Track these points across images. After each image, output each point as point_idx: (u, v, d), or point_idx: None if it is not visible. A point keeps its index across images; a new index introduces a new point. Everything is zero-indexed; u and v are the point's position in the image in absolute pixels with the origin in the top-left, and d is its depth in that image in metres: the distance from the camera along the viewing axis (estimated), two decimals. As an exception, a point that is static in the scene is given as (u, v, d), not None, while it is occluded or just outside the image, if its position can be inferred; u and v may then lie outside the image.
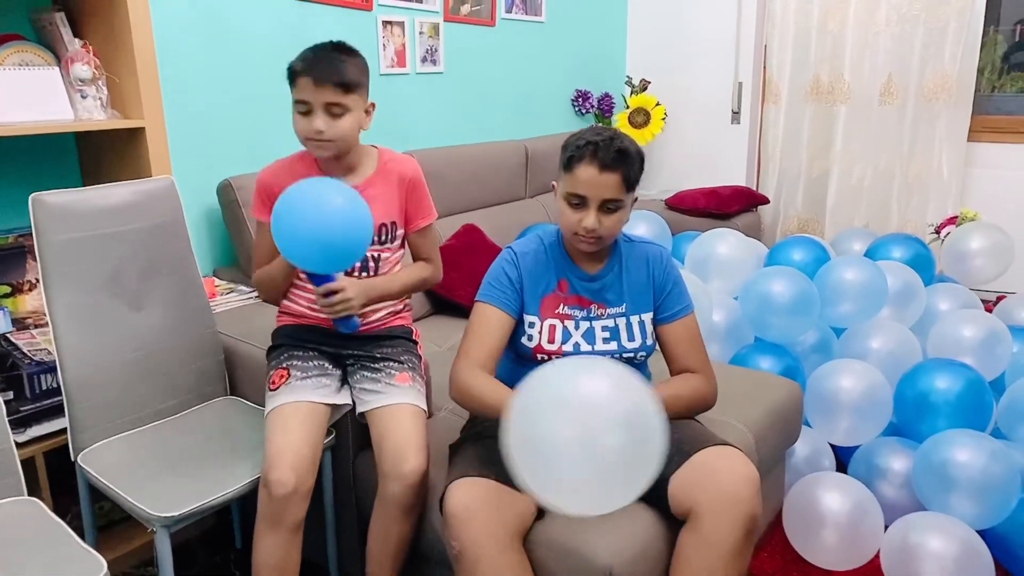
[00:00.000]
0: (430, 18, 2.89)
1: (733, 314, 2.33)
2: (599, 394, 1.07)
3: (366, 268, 1.59)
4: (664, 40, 3.90)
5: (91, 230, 1.57)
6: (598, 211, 1.35)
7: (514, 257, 1.46)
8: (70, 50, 1.73)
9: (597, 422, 1.04)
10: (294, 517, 1.42)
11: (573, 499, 1.09)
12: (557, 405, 1.06)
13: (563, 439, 1.03)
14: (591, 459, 1.03)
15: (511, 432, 1.08)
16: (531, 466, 1.08)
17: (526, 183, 3.21)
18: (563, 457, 1.03)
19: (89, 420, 1.56)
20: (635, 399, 1.07)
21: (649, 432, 1.06)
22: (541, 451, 1.06)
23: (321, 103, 1.45)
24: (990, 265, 2.78)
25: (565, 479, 1.06)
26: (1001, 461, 1.74)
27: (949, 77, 3.29)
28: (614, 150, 1.32)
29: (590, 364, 1.15)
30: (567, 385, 1.09)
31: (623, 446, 1.04)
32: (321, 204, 1.36)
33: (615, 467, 1.04)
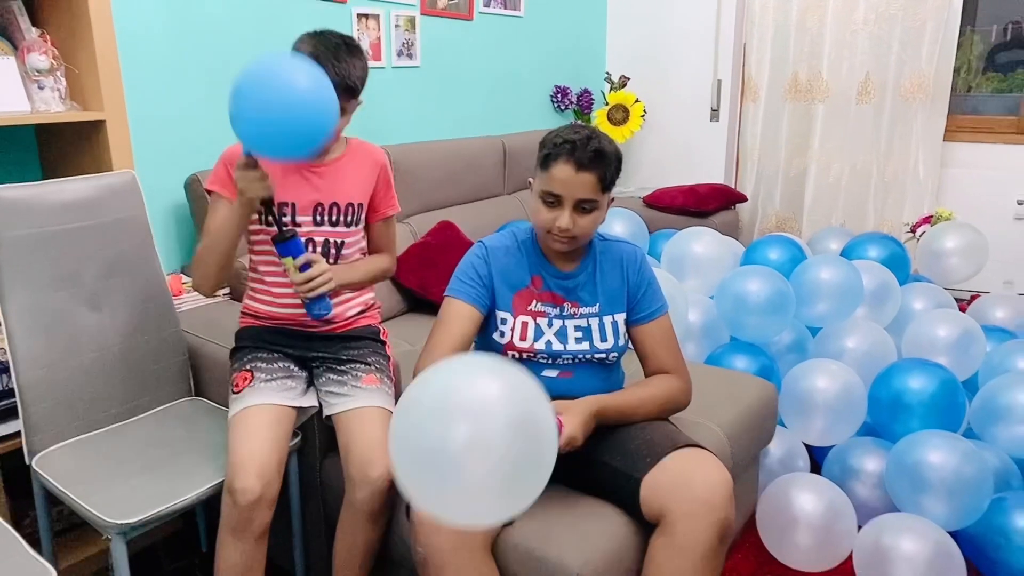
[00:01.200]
0: (406, 11, 2.84)
1: (708, 313, 2.31)
2: (488, 396, 0.95)
3: (328, 253, 1.56)
4: (644, 37, 3.89)
5: (48, 226, 1.52)
6: (573, 211, 1.33)
7: (484, 252, 1.44)
8: (27, 39, 1.67)
9: (485, 426, 0.92)
10: (259, 525, 1.38)
11: (452, 507, 0.97)
12: (440, 407, 0.94)
13: (448, 443, 0.91)
14: (478, 465, 0.91)
15: (392, 434, 0.96)
16: (411, 470, 0.95)
17: (504, 180, 3.18)
18: (448, 463, 0.92)
19: (45, 423, 1.51)
20: (526, 404, 0.96)
21: (538, 443, 0.96)
22: (423, 456, 0.93)
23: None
24: (964, 265, 2.79)
25: (448, 486, 0.93)
26: (973, 462, 1.74)
27: (926, 77, 3.30)
28: (591, 150, 1.30)
29: (480, 364, 1.02)
30: (452, 386, 0.97)
31: (512, 453, 0.93)
32: (288, 73, 1.30)
33: (502, 475, 0.93)
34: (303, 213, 1.53)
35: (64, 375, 1.54)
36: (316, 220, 1.54)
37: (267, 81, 1.30)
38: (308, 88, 1.31)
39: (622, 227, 2.78)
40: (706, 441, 1.56)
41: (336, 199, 1.55)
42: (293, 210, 1.52)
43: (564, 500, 1.36)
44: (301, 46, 1.46)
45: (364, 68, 1.50)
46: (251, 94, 1.30)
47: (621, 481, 1.29)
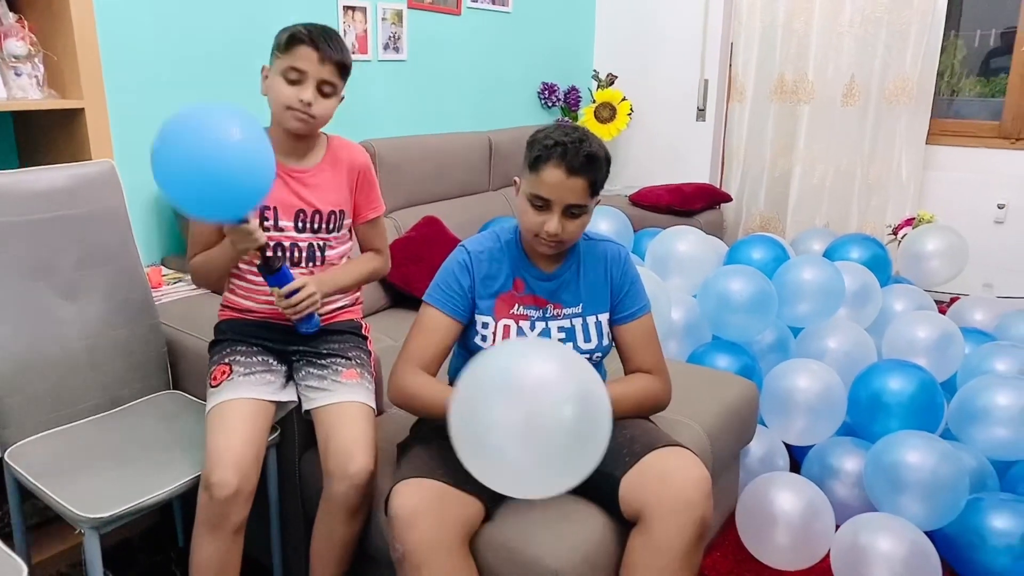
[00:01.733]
0: (393, 4, 2.82)
1: (691, 312, 2.32)
2: (546, 375, 1.09)
3: (312, 258, 1.54)
4: (632, 35, 3.89)
5: (23, 215, 1.49)
6: (562, 215, 1.31)
7: (467, 259, 1.41)
8: (4, 24, 1.64)
9: (544, 401, 1.06)
10: (236, 519, 1.36)
11: (517, 477, 1.12)
12: (500, 389, 1.08)
13: (506, 422, 1.06)
14: (535, 437, 1.05)
15: (454, 418, 1.10)
16: (474, 449, 1.10)
17: (489, 176, 3.17)
18: (507, 439, 1.06)
19: (18, 415, 1.49)
20: (582, 379, 1.10)
21: (596, 412, 1.09)
22: (484, 435, 1.08)
23: (317, 77, 1.42)
24: (945, 267, 2.82)
25: (510, 460, 1.07)
26: (950, 463, 1.75)
27: (910, 80, 3.33)
28: (583, 154, 1.27)
29: (536, 346, 1.16)
30: (511, 367, 1.11)
31: (570, 423, 1.07)
32: (218, 132, 1.23)
33: (560, 446, 1.07)
34: (285, 218, 1.50)
35: (38, 366, 1.52)
36: (298, 227, 1.52)
37: (197, 133, 1.23)
38: (244, 143, 1.24)
39: (607, 225, 2.78)
40: (687, 439, 1.56)
41: (318, 207, 1.52)
42: (275, 214, 1.50)
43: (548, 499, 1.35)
44: (288, 30, 1.43)
45: (349, 52, 1.49)
46: (177, 149, 1.22)
47: (600, 480, 1.28)
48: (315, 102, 1.43)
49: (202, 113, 1.27)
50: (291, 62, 1.41)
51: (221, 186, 1.24)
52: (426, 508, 1.20)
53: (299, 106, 1.42)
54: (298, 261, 1.53)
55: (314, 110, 1.43)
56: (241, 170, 1.25)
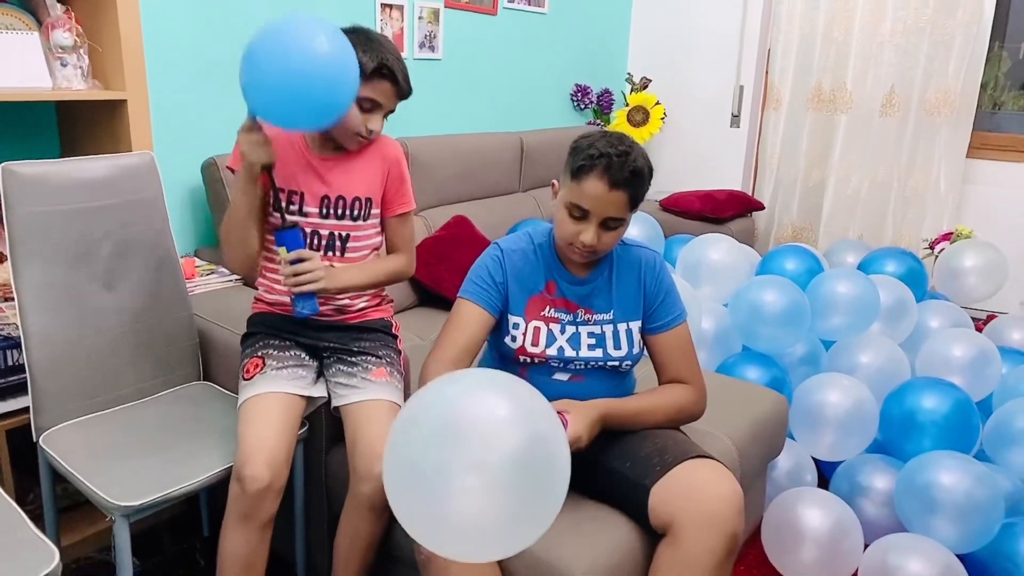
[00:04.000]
0: (431, 3, 2.83)
1: (722, 321, 2.29)
2: (491, 418, 0.87)
3: (332, 247, 1.54)
4: (667, 39, 3.85)
5: (64, 204, 1.51)
6: (599, 227, 1.30)
7: (500, 256, 1.41)
8: (52, 15, 1.67)
9: (487, 452, 0.85)
10: (267, 513, 1.37)
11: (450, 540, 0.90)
12: (438, 429, 0.87)
13: (445, 468, 0.84)
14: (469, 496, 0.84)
15: (387, 452, 0.89)
16: (407, 495, 0.88)
17: (520, 177, 3.16)
18: (446, 491, 0.84)
19: (53, 401, 1.51)
20: (534, 427, 0.89)
21: (549, 471, 0.89)
22: (419, 479, 0.86)
23: (388, 108, 1.51)
24: (983, 284, 2.76)
25: (446, 516, 0.86)
26: (985, 485, 1.71)
27: (952, 92, 3.26)
28: (628, 169, 1.25)
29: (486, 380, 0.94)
30: (454, 405, 0.89)
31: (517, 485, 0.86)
32: (307, 39, 1.26)
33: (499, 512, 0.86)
34: (311, 204, 1.51)
35: (74, 353, 1.54)
36: (323, 213, 1.52)
37: (284, 46, 1.25)
38: (328, 56, 1.26)
39: (638, 230, 2.76)
40: (715, 451, 1.54)
41: (343, 193, 1.53)
42: (302, 200, 1.51)
43: (571, 505, 1.33)
44: (375, 57, 1.44)
45: (403, 60, 1.50)
46: (265, 59, 1.25)
47: (630, 488, 1.27)
48: (367, 121, 1.48)
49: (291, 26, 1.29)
50: (369, 92, 1.44)
51: (306, 97, 1.27)
52: None
53: (366, 133, 1.48)
54: (318, 248, 1.53)
55: (374, 135, 1.51)
56: (325, 82, 1.28)
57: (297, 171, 1.51)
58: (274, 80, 1.26)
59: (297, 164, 1.51)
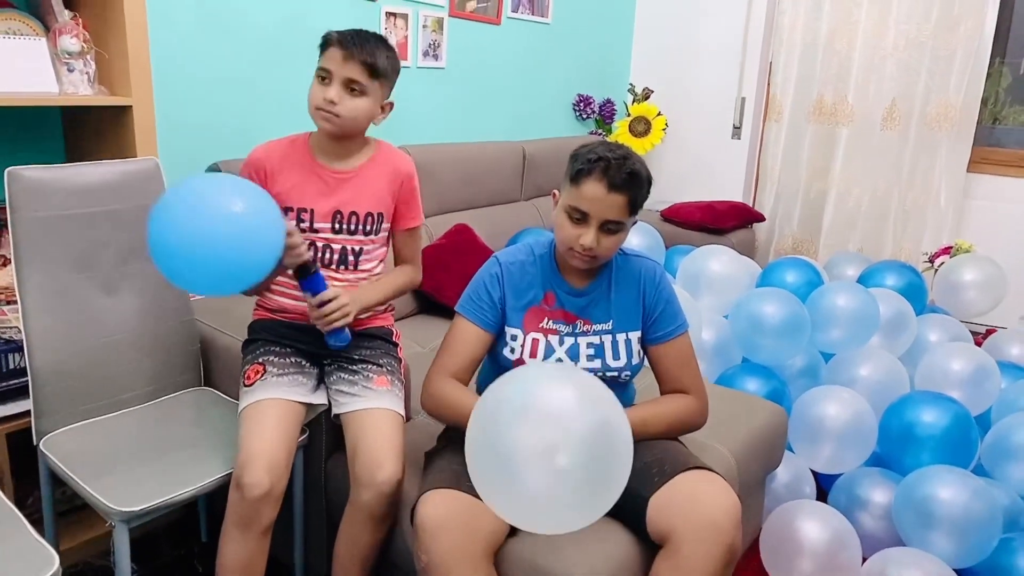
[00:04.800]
0: (435, 12, 2.84)
1: (722, 333, 2.30)
2: (565, 405, 1.02)
3: (345, 262, 1.55)
4: (669, 50, 3.87)
5: (68, 209, 1.52)
6: (598, 230, 1.30)
7: (499, 271, 1.42)
8: (59, 21, 1.68)
9: (561, 434, 0.99)
10: (266, 519, 1.37)
11: (530, 514, 1.05)
12: (520, 413, 1.02)
13: (523, 449, 0.99)
14: (550, 474, 0.98)
15: (470, 437, 1.05)
16: (488, 474, 1.04)
17: (522, 185, 3.17)
18: (522, 469, 0.99)
19: (54, 405, 1.51)
20: (604, 414, 1.03)
21: (614, 452, 1.03)
22: (500, 460, 1.01)
23: (343, 76, 1.42)
24: (982, 298, 2.77)
25: (523, 492, 1.01)
26: (983, 500, 1.72)
27: (953, 106, 3.28)
28: (626, 171, 1.27)
29: (559, 372, 1.11)
30: (533, 392, 1.04)
31: (585, 464, 0.99)
32: (209, 209, 1.22)
33: (575, 485, 1.00)
34: (321, 220, 1.51)
35: (76, 358, 1.54)
36: (335, 228, 1.52)
37: (196, 209, 1.20)
38: (244, 218, 1.22)
39: (639, 240, 2.77)
40: (714, 462, 1.55)
41: (355, 208, 1.53)
42: (312, 216, 1.51)
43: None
44: (332, 33, 1.45)
45: (392, 60, 1.50)
46: (176, 225, 1.20)
47: (627, 498, 1.26)
48: (340, 101, 1.42)
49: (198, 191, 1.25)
50: (322, 62, 1.45)
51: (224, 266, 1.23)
52: (452, 520, 1.19)
53: (324, 105, 1.42)
54: (329, 263, 1.54)
55: (338, 109, 1.42)
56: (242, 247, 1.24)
57: (305, 185, 1.51)
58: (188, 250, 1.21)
59: (307, 179, 1.51)
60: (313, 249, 1.51)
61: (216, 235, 1.21)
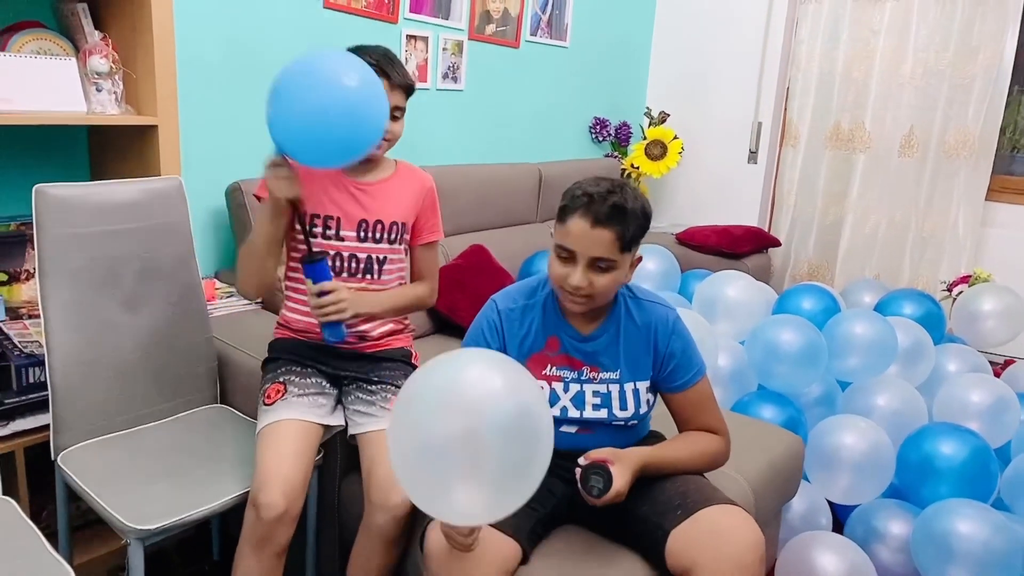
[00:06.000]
0: (454, 35, 2.88)
1: (738, 359, 2.28)
2: (486, 389, 0.97)
3: (370, 270, 1.56)
4: (686, 74, 3.89)
5: (92, 226, 1.54)
6: (587, 268, 1.24)
7: (497, 321, 1.36)
8: (89, 42, 1.71)
9: (481, 419, 0.94)
10: (281, 540, 1.37)
11: (446, 502, 0.98)
12: (439, 398, 0.96)
13: (442, 436, 0.94)
14: (472, 458, 0.94)
15: (392, 424, 0.99)
16: (408, 460, 0.98)
17: (538, 207, 3.19)
18: (443, 454, 0.94)
19: (73, 420, 1.53)
20: (524, 400, 0.98)
21: (535, 438, 0.98)
22: (421, 445, 0.96)
23: (393, 104, 1.49)
24: (1001, 328, 2.74)
25: (441, 478, 0.96)
26: (1004, 535, 1.69)
27: (971, 134, 3.27)
28: (609, 205, 1.21)
29: (476, 357, 1.05)
30: (452, 377, 0.99)
31: (505, 449, 0.95)
32: (335, 76, 1.27)
33: (497, 469, 0.95)
34: (347, 228, 1.54)
35: (96, 374, 1.55)
36: (360, 236, 1.55)
37: (312, 83, 1.27)
38: (357, 94, 1.28)
39: (654, 264, 2.77)
40: (730, 492, 1.53)
41: (381, 217, 1.56)
42: (338, 224, 1.54)
43: (586, 544, 1.34)
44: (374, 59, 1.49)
45: (392, 56, 1.55)
46: (292, 96, 1.27)
47: (648, 530, 1.26)
48: (390, 127, 1.49)
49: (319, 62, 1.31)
50: None
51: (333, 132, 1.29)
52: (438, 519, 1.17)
53: None
54: (355, 272, 1.56)
55: (390, 135, 1.52)
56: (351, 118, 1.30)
57: (333, 196, 1.54)
58: (300, 119, 1.28)
59: (333, 189, 1.55)
60: (339, 259, 1.54)
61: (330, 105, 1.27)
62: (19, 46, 1.66)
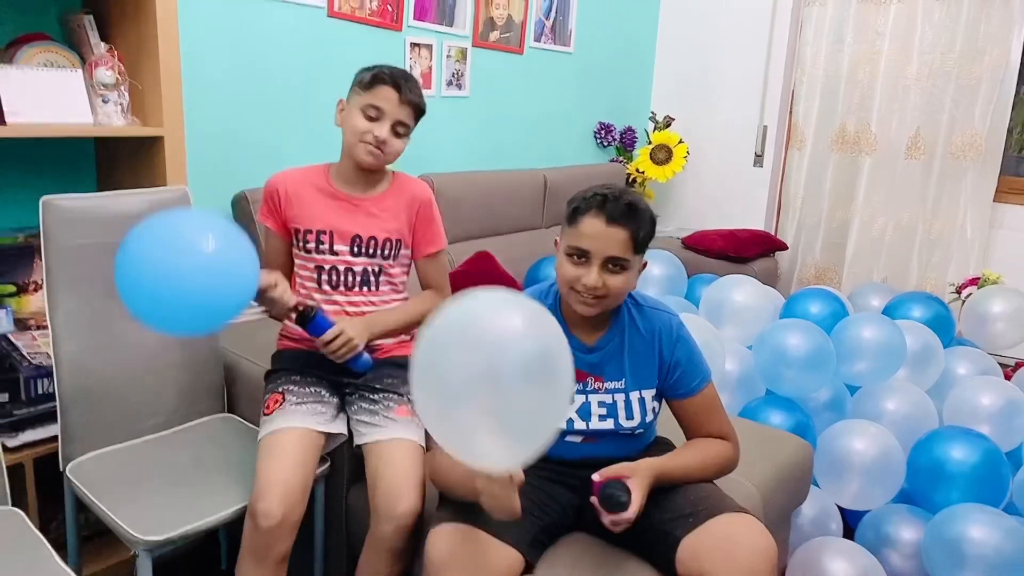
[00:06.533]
0: (458, 42, 2.88)
1: (745, 364, 2.27)
2: (507, 330, 0.98)
3: (367, 282, 1.57)
4: (691, 78, 3.89)
5: (100, 237, 1.54)
6: (601, 269, 1.24)
7: None
8: (95, 54, 1.72)
9: (502, 358, 0.95)
10: (280, 549, 1.37)
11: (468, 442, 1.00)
12: (462, 339, 0.98)
13: (466, 375, 0.95)
14: (494, 398, 0.95)
15: (415, 366, 1.00)
16: (433, 401, 1.00)
17: (543, 213, 3.19)
18: (467, 394, 0.95)
19: (81, 430, 1.53)
20: (545, 339, 1.00)
21: (555, 374, 0.99)
22: (444, 386, 0.97)
23: (394, 117, 1.50)
24: (1011, 330, 2.72)
25: (467, 417, 0.97)
26: (1016, 540, 1.68)
27: (978, 135, 3.25)
28: (623, 203, 1.23)
29: (502, 299, 1.04)
30: (475, 319, 1.00)
31: (528, 388, 0.96)
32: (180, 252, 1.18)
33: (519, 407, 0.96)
34: (340, 242, 1.55)
35: (104, 384, 1.56)
36: (354, 251, 1.56)
37: (168, 245, 1.17)
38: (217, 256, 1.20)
39: (660, 270, 2.76)
40: (739, 498, 1.52)
41: (374, 233, 1.56)
42: (331, 239, 1.55)
43: (593, 552, 1.33)
44: (369, 72, 1.50)
45: (410, 75, 1.55)
46: (145, 261, 1.17)
47: (658, 537, 1.25)
48: (389, 140, 1.49)
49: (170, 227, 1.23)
50: (372, 100, 1.48)
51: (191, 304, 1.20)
52: (462, 557, 1.17)
53: (373, 141, 1.49)
54: (352, 285, 1.56)
55: (387, 149, 1.50)
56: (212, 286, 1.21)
57: (326, 211, 1.55)
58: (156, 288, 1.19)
59: (326, 204, 1.55)
60: (335, 274, 1.55)
61: (185, 272, 1.18)
62: (27, 58, 1.67)
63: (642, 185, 3.76)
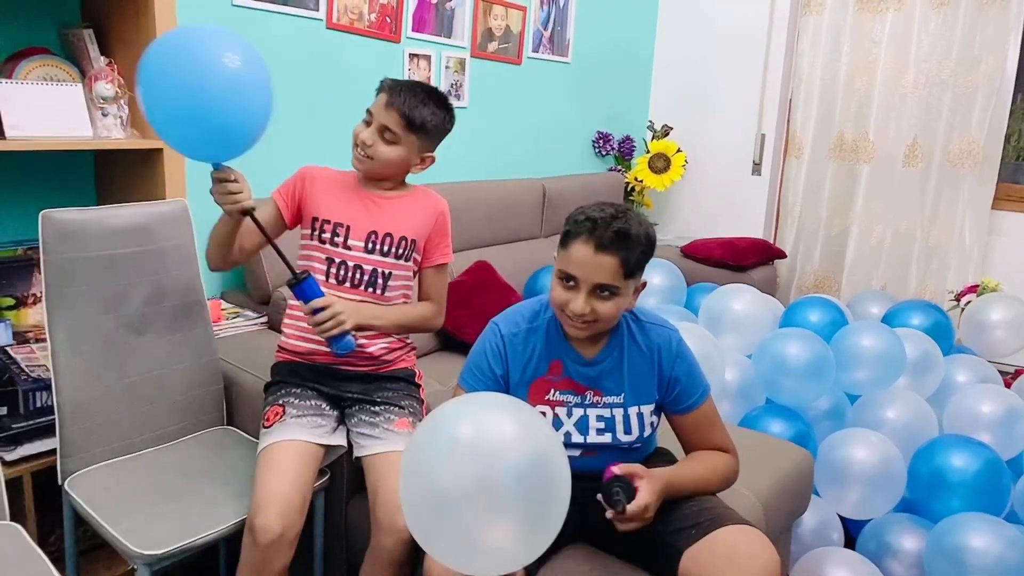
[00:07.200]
0: (457, 53, 2.89)
1: (745, 373, 2.27)
2: (499, 436, 0.95)
3: (373, 284, 1.57)
4: (688, 87, 3.90)
5: (99, 250, 1.54)
6: (589, 295, 1.22)
7: (500, 345, 1.34)
8: (95, 67, 1.73)
9: (495, 466, 0.91)
10: (279, 564, 1.36)
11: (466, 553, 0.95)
12: (451, 445, 0.94)
13: (457, 482, 0.91)
14: (487, 505, 0.91)
15: (403, 471, 0.96)
16: (422, 510, 0.95)
17: (542, 222, 3.19)
18: (457, 502, 0.91)
19: (80, 444, 1.52)
20: (538, 444, 0.95)
21: (552, 485, 0.96)
22: (434, 493, 0.93)
23: (379, 122, 1.50)
24: (1011, 338, 2.72)
25: (458, 530, 0.92)
26: (1017, 549, 1.68)
27: (975, 143, 3.26)
28: (612, 230, 1.19)
29: (493, 402, 1.02)
30: (464, 424, 0.96)
31: (521, 496, 0.92)
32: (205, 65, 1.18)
33: (513, 516, 0.93)
34: (356, 238, 1.56)
35: (103, 397, 1.55)
36: (368, 247, 1.56)
37: (183, 62, 1.16)
38: (235, 79, 1.20)
39: (660, 279, 2.76)
40: (740, 508, 1.51)
41: (390, 230, 1.57)
42: (347, 233, 1.55)
43: (594, 563, 1.33)
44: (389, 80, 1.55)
45: (438, 118, 1.55)
46: (163, 75, 1.16)
47: (661, 549, 1.24)
48: (373, 144, 1.51)
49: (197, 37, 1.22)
50: (372, 105, 1.52)
51: (206, 122, 1.20)
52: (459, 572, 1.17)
53: (358, 142, 1.53)
54: (358, 284, 1.56)
55: (371, 152, 1.51)
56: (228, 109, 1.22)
57: (345, 204, 1.56)
58: (173, 103, 1.20)
59: (346, 197, 1.57)
60: (344, 268, 1.54)
61: None
62: (26, 72, 1.68)
63: (640, 194, 3.76)
